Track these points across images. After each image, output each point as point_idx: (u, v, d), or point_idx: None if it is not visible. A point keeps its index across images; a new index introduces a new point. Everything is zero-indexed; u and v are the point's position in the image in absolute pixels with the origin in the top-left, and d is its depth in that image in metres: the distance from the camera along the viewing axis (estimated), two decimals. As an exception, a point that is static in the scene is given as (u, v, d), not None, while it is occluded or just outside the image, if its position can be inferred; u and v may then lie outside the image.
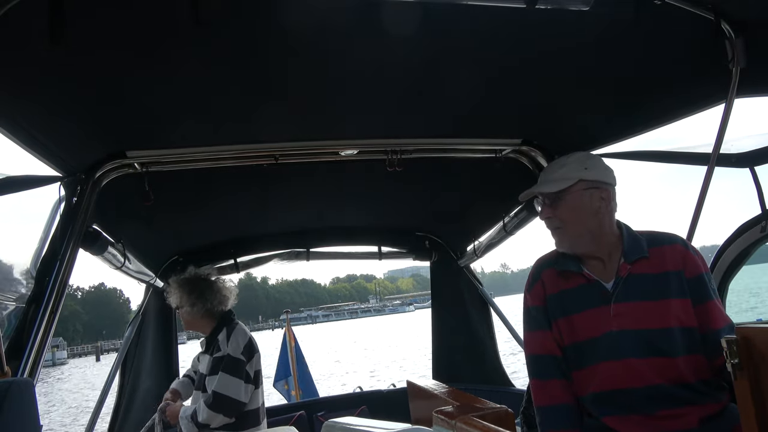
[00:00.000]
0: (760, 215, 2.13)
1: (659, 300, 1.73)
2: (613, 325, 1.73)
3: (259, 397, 2.97)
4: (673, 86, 2.25)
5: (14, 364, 1.83)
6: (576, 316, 1.80)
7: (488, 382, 4.18)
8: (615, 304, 1.74)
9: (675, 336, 1.68)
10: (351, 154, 2.84)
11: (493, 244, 4.02)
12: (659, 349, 1.68)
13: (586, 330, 1.77)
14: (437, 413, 1.80)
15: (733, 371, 1.06)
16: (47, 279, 2.11)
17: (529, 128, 2.88)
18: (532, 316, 1.90)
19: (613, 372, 1.71)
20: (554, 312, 1.84)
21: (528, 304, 1.94)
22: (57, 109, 2.00)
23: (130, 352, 3.86)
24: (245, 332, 2.97)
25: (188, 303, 3.01)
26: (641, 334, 1.70)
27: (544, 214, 1.88)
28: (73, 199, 2.38)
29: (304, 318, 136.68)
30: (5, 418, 1.36)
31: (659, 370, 1.67)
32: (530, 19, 1.82)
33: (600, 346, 1.74)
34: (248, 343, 2.91)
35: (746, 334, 1.05)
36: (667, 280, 1.74)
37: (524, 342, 1.95)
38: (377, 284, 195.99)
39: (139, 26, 1.63)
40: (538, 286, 1.91)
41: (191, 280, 3.08)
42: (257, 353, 2.95)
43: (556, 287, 1.86)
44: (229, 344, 2.84)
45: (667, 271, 1.76)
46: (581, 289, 1.82)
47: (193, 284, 3.06)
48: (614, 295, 1.76)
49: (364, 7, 1.72)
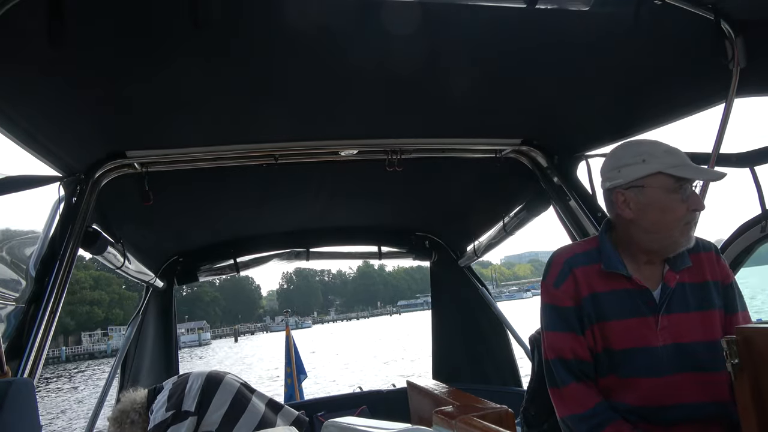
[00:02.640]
0: (760, 215, 2.13)
1: (704, 311, 1.63)
2: (660, 339, 1.60)
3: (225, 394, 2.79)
4: (673, 86, 2.25)
5: (14, 364, 1.83)
6: (615, 323, 1.63)
7: (488, 382, 4.18)
8: (662, 316, 1.61)
9: (718, 348, 1.54)
10: (351, 154, 2.84)
11: (493, 244, 4.02)
12: (706, 363, 1.57)
13: (627, 340, 1.62)
14: (437, 413, 1.80)
15: (733, 371, 1.06)
16: (47, 279, 2.11)
17: (529, 128, 2.88)
18: (562, 316, 1.69)
19: (654, 389, 1.58)
20: (590, 316, 1.65)
21: (555, 301, 1.71)
22: (57, 109, 2.00)
23: (129, 352, 3.86)
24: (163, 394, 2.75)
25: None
26: (687, 347, 1.59)
27: (697, 201, 1.59)
28: (73, 199, 2.38)
29: (421, 304, 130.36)
30: (5, 418, 1.35)
31: (705, 386, 1.56)
32: (530, 19, 1.82)
33: (642, 359, 1.60)
34: (166, 396, 2.72)
35: (746, 334, 1.05)
36: (708, 289, 1.65)
37: (547, 343, 1.72)
38: (493, 270, 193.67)
39: (139, 26, 1.63)
40: (570, 283, 1.68)
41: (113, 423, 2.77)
42: (187, 384, 2.76)
43: (592, 288, 1.67)
44: (153, 417, 2.67)
45: (707, 280, 1.67)
46: (626, 295, 1.64)
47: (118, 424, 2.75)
48: (662, 306, 1.62)
49: (364, 7, 1.72)
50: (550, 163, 2.98)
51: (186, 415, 2.67)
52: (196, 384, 2.77)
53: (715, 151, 2.13)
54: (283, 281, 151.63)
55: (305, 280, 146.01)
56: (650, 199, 1.59)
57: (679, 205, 1.57)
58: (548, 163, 2.98)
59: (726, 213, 33.65)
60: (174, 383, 2.80)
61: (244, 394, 2.86)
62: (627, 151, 1.67)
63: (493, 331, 4.32)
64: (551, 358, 1.70)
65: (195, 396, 2.74)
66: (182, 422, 2.64)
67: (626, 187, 1.63)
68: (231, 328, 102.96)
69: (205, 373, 2.86)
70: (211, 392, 2.79)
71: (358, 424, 1.86)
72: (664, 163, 1.58)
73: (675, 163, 1.57)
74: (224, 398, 2.79)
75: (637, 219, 1.62)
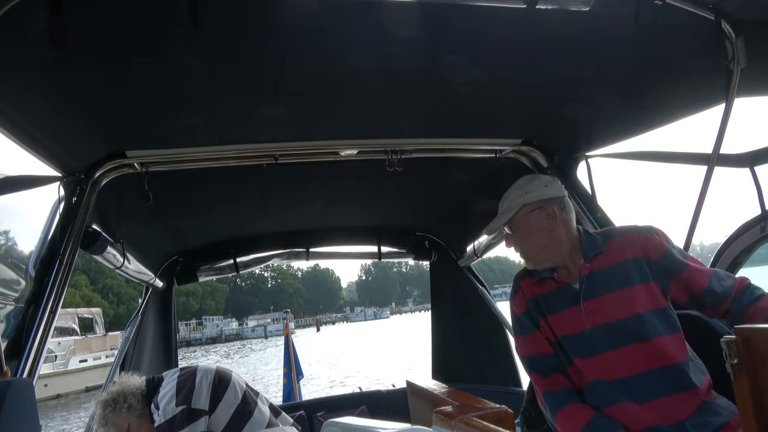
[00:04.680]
0: (760, 215, 2.13)
1: (622, 289, 1.82)
2: (588, 323, 1.82)
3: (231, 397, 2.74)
4: (673, 86, 2.25)
5: (14, 364, 1.83)
6: (553, 316, 1.91)
7: (488, 382, 4.18)
8: (584, 303, 1.85)
9: (646, 320, 1.77)
10: (351, 154, 2.84)
11: (493, 244, 4.02)
12: (633, 336, 1.76)
13: (564, 329, 1.88)
14: (437, 413, 1.80)
15: (733, 371, 1.06)
16: (47, 279, 2.11)
17: (529, 128, 2.88)
18: (520, 322, 2.01)
19: (592, 367, 1.80)
20: (536, 315, 1.95)
21: (513, 313, 2.06)
22: (57, 109, 2.00)
23: (129, 353, 3.85)
24: (168, 385, 2.69)
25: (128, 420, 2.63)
26: (613, 326, 1.79)
27: (507, 243, 2.04)
28: (73, 199, 2.38)
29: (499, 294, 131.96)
30: (5, 418, 1.36)
31: (639, 356, 1.74)
32: (530, 19, 1.81)
33: (578, 342, 1.84)
34: (174, 390, 2.65)
35: (746, 334, 1.05)
36: (626, 268, 1.84)
37: (516, 346, 2.06)
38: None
39: (139, 26, 1.63)
40: (520, 294, 2.02)
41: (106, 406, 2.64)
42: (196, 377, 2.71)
43: (533, 293, 1.98)
44: (160, 413, 2.59)
45: (625, 260, 1.86)
46: (556, 292, 1.93)
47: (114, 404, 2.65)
48: (581, 294, 1.86)
49: (364, 7, 1.72)
50: (550, 163, 2.98)
51: (200, 414, 2.60)
52: (205, 381, 2.70)
53: (715, 151, 2.13)
54: (361, 273, 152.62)
55: (383, 272, 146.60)
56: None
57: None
58: (548, 163, 2.98)
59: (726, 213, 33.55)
60: (179, 376, 2.71)
61: (251, 396, 2.82)
62: None
63: (493, 331, 4.31)
64: (522, 357, 2.03)
65: (207, 393, 2.66)
66: (197, 421, 2.57)
67: None
68: (313, 318, 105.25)
69: (213, 369, 2.79)
70: (221, 391, 2.72)
71: (358, 424, 1.86)
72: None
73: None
74: (233, 399, 2.73)
75: None
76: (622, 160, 2.87)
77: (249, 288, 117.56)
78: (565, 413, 1.81)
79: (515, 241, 2.01)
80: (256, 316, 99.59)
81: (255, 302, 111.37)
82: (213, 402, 2.66)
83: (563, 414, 1.81)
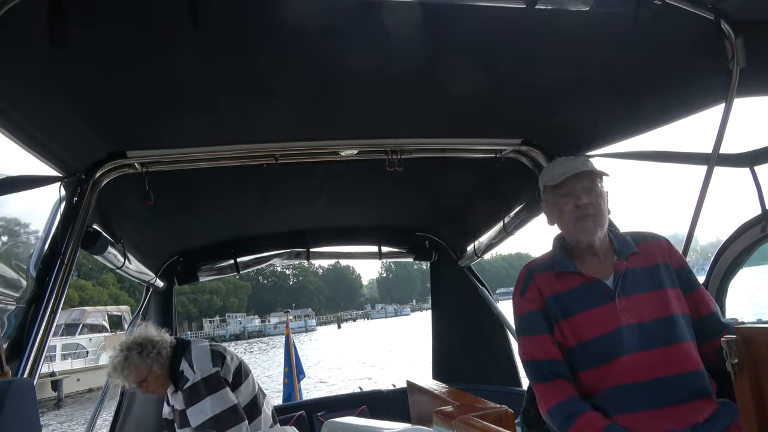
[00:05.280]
0: (760, 215, 2.13)
1: (656, 290, 1.79)
2: (622, 319, 1.74)
3: (250, 387, 2.82)
4: (673, 86, 2.25)
5: (14, 364, 1.83)
6: (580, 315, 1.79)
7: (488, 382, 4.18)
8: (619, 300, 1.77)
9: (677, 323, 1.74)
10: (351, 154, 2.84)
11: (493, 244, 4.02)
12: (662, 339, 1.71)
13: (594, 328, 1.76)
14: (437, 413, 1.80)
15: (733, 371, 1.06)
16: (47, 279, 2.11)
17: (529, 128, 2.88)
18: (530, 321, 1.87)
19: (631, 366, 1.70)
20: (555, 314, 1.82)
21: (523, 309, 1.90)
22: (57, 109, 2.00)
23: None
24: (202, 347, 2.75)
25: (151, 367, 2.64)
26: (647, 326, 1.73)
27: (586, 198, 1.83)
28: (74, 199, 2.38)
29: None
30: (5, 418, 1.35)
31: (665, 360, 1.69)
32: (530, 19, 1.82)
33: (611, 341, 1.73)
34: (210, 355, 2.71)
35: (746, 334, 1.05)
36: (659, 271, 1.83)
37: (521, 347, 1.90)
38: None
39: (139, 26, 1.63)
40: (533, 290, 1.88)
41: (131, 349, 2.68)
42: (226, 354, 2.78)
43: (553, 290, 1.85)
44: (195, 369, 2.63)
45: (657, 263, 1.84)
46: (582, 289, 1.82)
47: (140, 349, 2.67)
48: (617, 290, 1.79)
49: (364, 6, 1.72)
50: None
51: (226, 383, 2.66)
52: (233, 362, 2.78)
53: (715, 151, 2.13)
54: (382, 270, 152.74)
55: (404, 269, 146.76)
56: (548, 209, 1.97)
57: (564, 206, 1.88)
58: (548, 163, 2.98)
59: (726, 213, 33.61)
60: (211, 346, 2.77)
61: (261, 396, 2.88)
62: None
63: (493, 331, 4.31)
64: (525, 360, 1.88)
65: (232, 373, 2.73)
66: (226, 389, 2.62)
67: (542, 203, 2.02)
68: (334, 315, 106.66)
69: (237, 357, 2.86)
70: (243, 377, 2.79)
71: (358, 424, 1.87)
72: (546, 178, 1.96)
73: (552, 174, 1.92)
74: (251, 389, 2.82)
75: (555, 224, 1.96)
76: (622, 160, 2.87)
77: (271, 285, 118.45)
78: (578, 426, 1.68)
79: (591, 202, 1.83)
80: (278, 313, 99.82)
81: (277, 300, 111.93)
82: (234, 384, 2.73)
83: (577, 427, 1.68)
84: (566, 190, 1.87)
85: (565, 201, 1.86)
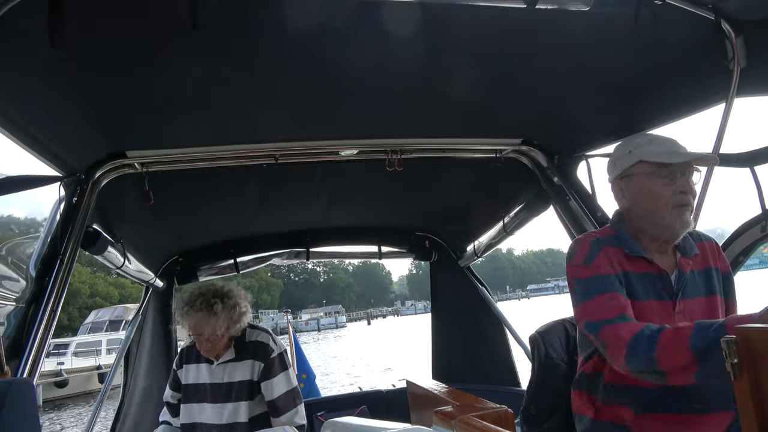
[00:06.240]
0: (760, 215, 2.13)
1: (710, 296, 1.73)
2: (676, 322, 1.63)
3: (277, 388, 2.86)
4: (673, 86, 2.25)
5: (14, 364, 1.83)
6: (637, 303, 1.67)
7: (488, 382, 4.18)
8: (679, 301, 1.69)
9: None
10: (351, 154, 2.84)
11: (493, 244, 4.02)
12: None
13: (648, 320, 1.62)
14: (437, 413, 1.80)
15: (733, 371, 1.06)
16: (47, 279, 2.11)
17: (529, 128, 2.88)
18: (603, 282, 1.66)
19: None
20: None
21: (590, 273, 1.70)
22: (57, 109, 2.00)
23: (131, 351, 3.86)
24: (265, 328, 2.84)
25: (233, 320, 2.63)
26: None
27: (690, 185, 1.68)
28: (73, 199, 2.38)
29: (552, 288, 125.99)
30: (5, 418, 1.35)
31: None
32: (530, 19, 1.82)
33: None
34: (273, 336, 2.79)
35: (746, 334, 1.05)
36: (712, 276, 1.76)
37: (586, 310, 1.69)
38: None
39: (139, 26, 1.63)
40: (602, 258, 1.70)
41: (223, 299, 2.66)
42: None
43: (623, 267, 1.70)
44: (277, 342, 2.73)
45: (710, 266, 1.78)
46: (647, 278, 1.71)
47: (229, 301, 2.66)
48: (680, 290, 1.70)
49: (364, 6, 1.72)
50: (550, 163, 2.98)
51: None
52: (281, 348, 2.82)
53: (715, 151, 2.13)
54: (412, 267, 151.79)
55: None
56: (637, 186, 1.74)
57: (663, 189, 1.68)
58: (548, 163, 2.98)
59: (726, 213, 33.65)
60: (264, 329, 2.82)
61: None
62: (622, 145, 1.84)
63: (493, 331, 4.31)
64: (594, 320, 1.63)
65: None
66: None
67: (620, 177, 1.80)
68: (364, 312, 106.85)
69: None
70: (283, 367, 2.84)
71: (357, 424, 1.86)
72: (645, 152, 1.72)
73: (658, 151, 1.70)
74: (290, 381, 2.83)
75: (632, 206, 1.77)
76: None
77: (302, 282, 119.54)
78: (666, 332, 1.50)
79: (692, 186, 1.70)
80: (309, 309, 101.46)
81: (308, 296, 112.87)
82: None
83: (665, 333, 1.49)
84: (672, 171, 1.68)
85: (666, 183, 1.67)
